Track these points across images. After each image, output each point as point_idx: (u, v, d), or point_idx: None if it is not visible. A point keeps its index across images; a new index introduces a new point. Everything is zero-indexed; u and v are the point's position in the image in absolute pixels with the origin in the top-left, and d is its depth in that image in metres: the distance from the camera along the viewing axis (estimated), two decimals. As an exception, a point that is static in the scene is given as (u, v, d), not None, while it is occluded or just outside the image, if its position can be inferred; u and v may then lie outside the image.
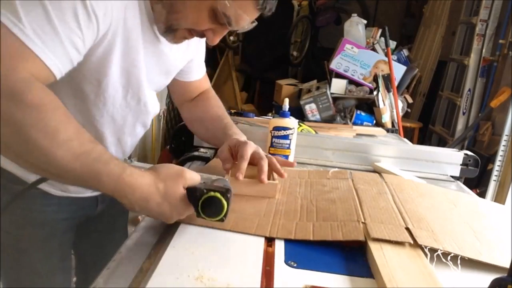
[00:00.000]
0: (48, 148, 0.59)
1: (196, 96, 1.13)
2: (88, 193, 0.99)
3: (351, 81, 3.04)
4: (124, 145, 0.96)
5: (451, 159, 1.27)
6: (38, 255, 0.96)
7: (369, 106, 3.00)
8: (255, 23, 0.82)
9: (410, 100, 3.30)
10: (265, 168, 0.89)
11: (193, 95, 1.12)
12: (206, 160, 1.17)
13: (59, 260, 1.01)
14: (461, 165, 1.27)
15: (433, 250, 0.69)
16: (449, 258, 0.68)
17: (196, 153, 1.20)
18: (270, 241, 0.72)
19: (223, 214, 0.68)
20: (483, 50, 3.19)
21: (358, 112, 2.92)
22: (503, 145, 2.66)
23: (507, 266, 0.57)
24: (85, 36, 0.68)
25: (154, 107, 0.96)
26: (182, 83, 1.07)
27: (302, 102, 2.99)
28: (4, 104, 0.58)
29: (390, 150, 1.28)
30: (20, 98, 0.58)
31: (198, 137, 1.14)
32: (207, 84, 1.15)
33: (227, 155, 0.93)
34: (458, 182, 1.24)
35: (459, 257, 0.69)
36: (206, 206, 0.68)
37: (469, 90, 3.27)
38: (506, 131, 2.65)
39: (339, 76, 3.06)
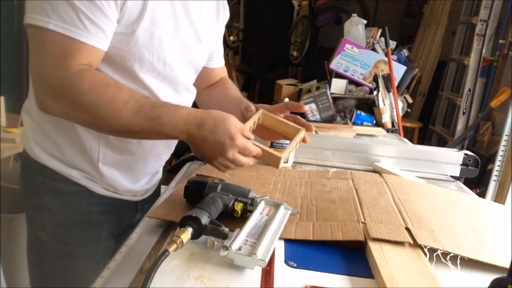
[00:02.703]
0: (113, 114, 0.72)
1: (214, 83, 1.14)
2: (129, 196, 0.97)
3: (351, 81, 3.04)
4: None
5: (451, 159, 1.27)
6: (85, 259, 0.93)
7: (369, 106, 2.99)
8: None
9: (410, 100, 3.30)
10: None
11: (213, 82, 1.13)
12: (206, 160, 1.17)
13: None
14: (461, 165, 1.27)
15: (432, 250, 0.69)
16: (448, 258, 0.68)
17: (196, 153, 1.20)
18: (270, 241, 0.72)
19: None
20: (483, 50, 3.18)
21: (358, 112, 2.92)
22: (503, 145, 2.66)
23: (507, 266, 0.57)
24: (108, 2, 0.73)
25: (185, 77, 0.94)
26: (204, 70, 1.05)
27: (302, 102, 2.99)
28: (71, 97, 0.72)
29: (390, 150, 1.28)
30: (78, 89, 0.72)
31: None
32: (225, 73, 1.17)
33: (249, 106, 0.94)
34: (458, 182, 1.24)
35: (458, 257, 0.69)
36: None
37: (469, 90, 3.27)
38: (506, 131, 2.65)
39: (339, 76, 3.06)
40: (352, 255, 0.70)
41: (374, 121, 2.88)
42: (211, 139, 0.72)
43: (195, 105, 1.04)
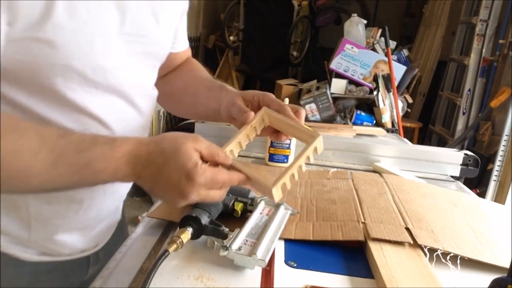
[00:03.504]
0: (20, 173, 0.50)
1: (177, 66, 0.89)
2: (77, 255, 0.74)
3: (351, 81, 3.04)
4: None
5: (451, 159, 1.27)
6: None
7: (369, 106, 3.00)
8: None
9: (410, 100, 3.30)
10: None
11: (175, 67, 0.89)
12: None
13: None
14: (461, 165, 1.27)
15: (432, 250, 0.69)
16: (448, 258, 0.68)
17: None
18: (270, 241, 0.72)
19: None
20: (483, 50, 3.19)
21: (358, 112, 2.92)
22: (503, 145, 2.66)
23: (507, 266, 0.57)
24: None
25: (143, 79, 0.70)
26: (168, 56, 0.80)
27: (302, 102, 2.99)
28: None
29: (390, 150, 1.28)
30: None
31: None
32: (189, 54, 0.92)
33: (243, 107, 0.70)
34: (458, 182, 1.24)
35: (458, 257, 0.69)
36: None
37: (469, 90, 3.28)
38: (506, 131, 2.65)
39: (339, 76, 3.06)
40: (352, 255, 0.70)
41: (374, 121, 2.88)
42: (163, 181, 0.54)
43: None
